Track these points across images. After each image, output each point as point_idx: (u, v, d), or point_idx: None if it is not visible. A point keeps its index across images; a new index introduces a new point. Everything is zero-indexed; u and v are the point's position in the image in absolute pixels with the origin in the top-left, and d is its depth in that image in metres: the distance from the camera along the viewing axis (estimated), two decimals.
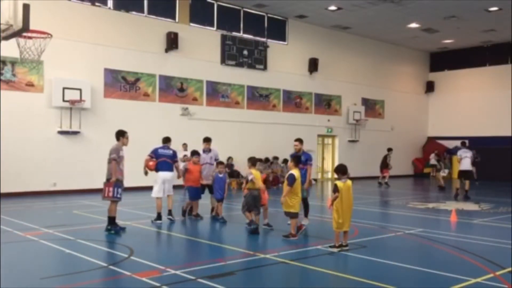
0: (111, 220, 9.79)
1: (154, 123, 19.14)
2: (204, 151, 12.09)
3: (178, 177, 11.81)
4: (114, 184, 9.62)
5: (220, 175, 11.41)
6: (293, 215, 9.28)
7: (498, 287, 6.23)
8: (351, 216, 8.39)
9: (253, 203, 10.00)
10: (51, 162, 16.94)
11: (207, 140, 12.30)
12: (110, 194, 9.60)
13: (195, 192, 11.67)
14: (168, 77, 19.90)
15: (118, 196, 9.68)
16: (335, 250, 8.13)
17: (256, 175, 10.07)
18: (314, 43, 24.82)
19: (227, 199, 12.67)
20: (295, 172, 9.25)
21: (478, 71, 29.27)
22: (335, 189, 8.19)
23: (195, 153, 11.75)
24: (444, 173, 21.80)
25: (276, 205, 14.32)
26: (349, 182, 8.34)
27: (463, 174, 17.16)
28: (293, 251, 8.33)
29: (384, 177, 22.36)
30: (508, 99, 27.21)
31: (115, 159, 9.65)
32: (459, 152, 17.25)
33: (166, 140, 11.51)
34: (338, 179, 8.45)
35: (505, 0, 20.08)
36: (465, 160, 16.90)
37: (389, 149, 22.79)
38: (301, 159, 10.16)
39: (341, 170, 8.40)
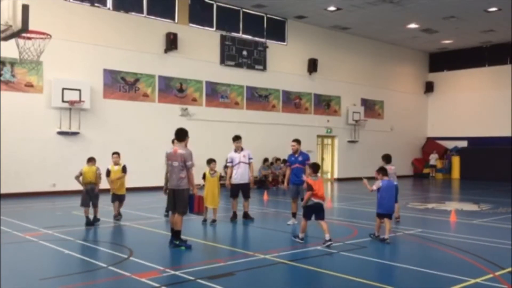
0: (179, 233, 8.43)
1: (154, 124, 19.15)
2: (235, 150, 11.59)
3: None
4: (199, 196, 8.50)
5: (395, 183, 9.15)
6: None
7: None
8: (214, 198, 10.84)
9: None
10: (50, 162, 16.92)
11: (237, 138, 11.63)
12: (202, 208, 8.65)
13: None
14: (167, 78, 19.88)
15: None
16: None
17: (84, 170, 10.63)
18: (313, 43, 24.82)
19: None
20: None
21: (477, 71, 29.26)
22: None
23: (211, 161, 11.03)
24: None
25: (277, 205, 14.31)
26: (217, 173, 11.10)
27: None
28: (293, 251, 8.33)
29: None
30: (507, 99, 27.20)
31: (192, 166, 8.29)
32: None
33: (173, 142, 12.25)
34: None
35: (504, 0, 20.08)
36: None
37: None
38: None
39: (208, 161, 10.96)
